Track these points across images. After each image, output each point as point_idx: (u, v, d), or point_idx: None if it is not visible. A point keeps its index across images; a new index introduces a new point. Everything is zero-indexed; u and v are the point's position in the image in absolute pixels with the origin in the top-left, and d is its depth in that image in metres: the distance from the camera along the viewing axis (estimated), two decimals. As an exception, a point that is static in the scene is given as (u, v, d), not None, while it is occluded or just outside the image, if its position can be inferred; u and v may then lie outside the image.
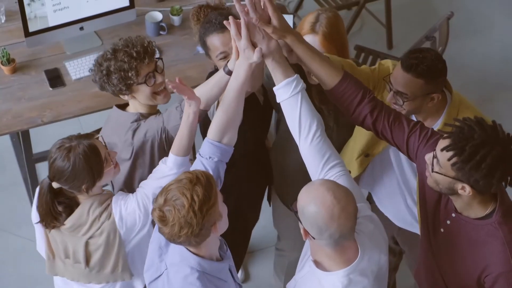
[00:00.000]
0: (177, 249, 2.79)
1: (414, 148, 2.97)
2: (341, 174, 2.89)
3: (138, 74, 3.25)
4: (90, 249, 3.23)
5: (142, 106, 3.36)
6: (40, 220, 3.21)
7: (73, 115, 4.20)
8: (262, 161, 3.80)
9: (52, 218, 3.18)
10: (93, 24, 4.42)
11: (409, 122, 2.99)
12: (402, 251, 4.10)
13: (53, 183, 3.14)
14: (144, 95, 3.31)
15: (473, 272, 2.97)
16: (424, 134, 2.96)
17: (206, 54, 3.42)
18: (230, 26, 2.88)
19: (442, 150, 2.78)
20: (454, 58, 5.60)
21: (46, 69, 4.36)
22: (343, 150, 3.73)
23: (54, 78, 4.32)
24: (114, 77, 3.25)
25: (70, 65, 4.36)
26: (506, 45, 5.88)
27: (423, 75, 3.20)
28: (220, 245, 2.87)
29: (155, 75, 3.32)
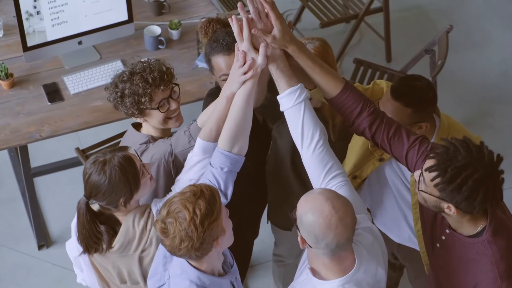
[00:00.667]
0: (178, 261, 2.79)
1: (412, 163, 2.96)
2: (342, 184, 2.88)
3: (151, 100, 3.21)
4: (144, 264, 3.11)
5: (155, 129, 3.33)
6: (81, 244, 3.07)
7: (71, 130, 4.19)
8: (262, 180, 3.80)
9: (95, 239, 3.06)
10: (91, 38, 4.41)
11: (409, 136, 2.97)
12: (402, 266, 4.08)
13: (90, 203, 3.02)
14: (156, 120, 3.27)
15: None
16: (423, 149, 2.94)
17: (210, 70, 3.40)
18: (233, 24, 2.85)
19: (426, 170, 2.78)
20: (453, 72, 5.59)
21: (45, 83, 4.34)
22: None
23: (52, 92, 4.31)
24: (127, 100, 3.21)
25: (68, 79, 4.35)
26: (505, 58, 5.87)
27: (412, 105, 3.21)
28: (224, 260, 2.85)
29: (170, 102, 3.27)
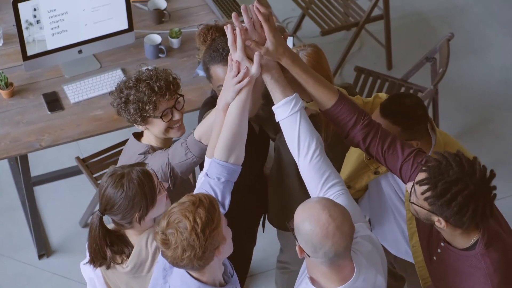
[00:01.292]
0: (179, 273, 2.77)
1: (406, 176, 2.95)
2: (340, 193, 2.87)
3: (156, 109, 3.20)
4: None
5: (156, 138, 3.32)
6: (89, 255, 3.04)
7: (71, 139, 4.17)
8: (259, 189, 3.80)
9: (103, 255, 3.02)
10: (91, 47, 4.40)
11: (404, 149, 2.95)
12: (403, 276, 4.07)
13: (105, 219, 2.98)
14: (158, 129, 3.27)
15: None
16: (418, 163, 2.92)
17: (207, 79, 3.39)
18: (227, 32, 2.84)
19: (417, 183, 2.78)
20: (454, 79, 5.59)
21: (44, 92, 4.33)
22: None
23: (52, 101, 4.30)
24: (131, 106, 3.21)
25: (68, 88, 4.34)
26: (506, 65, 5.87)
27: (400, 123, 3.21)
28: (224, 270, 2.85)
29: (173, 112, 3.27)
